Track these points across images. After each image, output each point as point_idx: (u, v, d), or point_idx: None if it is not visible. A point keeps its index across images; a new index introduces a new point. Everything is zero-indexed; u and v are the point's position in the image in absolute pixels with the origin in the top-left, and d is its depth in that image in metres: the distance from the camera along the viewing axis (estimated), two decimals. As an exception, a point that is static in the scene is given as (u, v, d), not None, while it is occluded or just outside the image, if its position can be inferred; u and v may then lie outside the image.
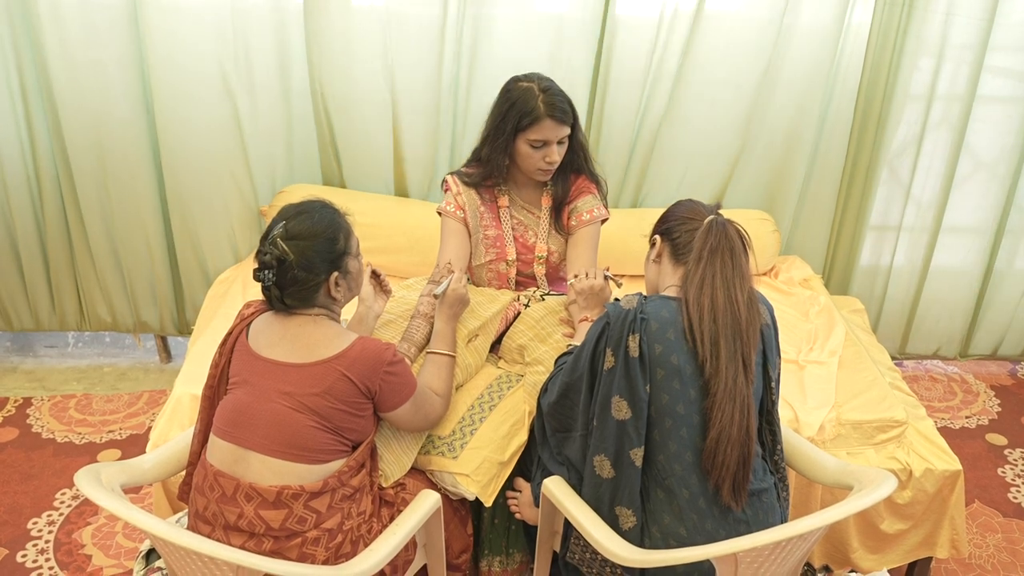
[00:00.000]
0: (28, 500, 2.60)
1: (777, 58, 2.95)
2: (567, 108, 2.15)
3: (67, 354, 3.42)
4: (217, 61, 2.83)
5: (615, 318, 1.72)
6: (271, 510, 1.65)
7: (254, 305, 1.86)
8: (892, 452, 2.33)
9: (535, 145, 2.16)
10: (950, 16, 2.88)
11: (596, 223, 2.31)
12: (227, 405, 1.74)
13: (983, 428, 3.18)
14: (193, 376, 2.38)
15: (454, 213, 2.30)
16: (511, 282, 2.38)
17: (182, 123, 2.89)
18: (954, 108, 3.02)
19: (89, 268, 3.17)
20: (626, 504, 1.71)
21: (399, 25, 2.85)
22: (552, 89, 2.14)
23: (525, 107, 2.12)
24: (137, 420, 3.00)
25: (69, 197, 3.02)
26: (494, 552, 2.14)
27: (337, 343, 1.72)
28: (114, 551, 2.44)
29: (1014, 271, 3.35)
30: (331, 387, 1.69)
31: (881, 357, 2.76)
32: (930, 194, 3.18)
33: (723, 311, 1.69)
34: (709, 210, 1.82)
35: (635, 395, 1.69)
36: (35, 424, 2.96)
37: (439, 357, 2.00)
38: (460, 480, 1.93)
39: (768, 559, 1.59)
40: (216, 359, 1.84)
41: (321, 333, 1.74)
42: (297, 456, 1.67)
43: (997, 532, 2.68)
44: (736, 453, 1.67)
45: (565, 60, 2.91)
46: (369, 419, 1.79)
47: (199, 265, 3.16)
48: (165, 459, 1.89)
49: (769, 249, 3.12)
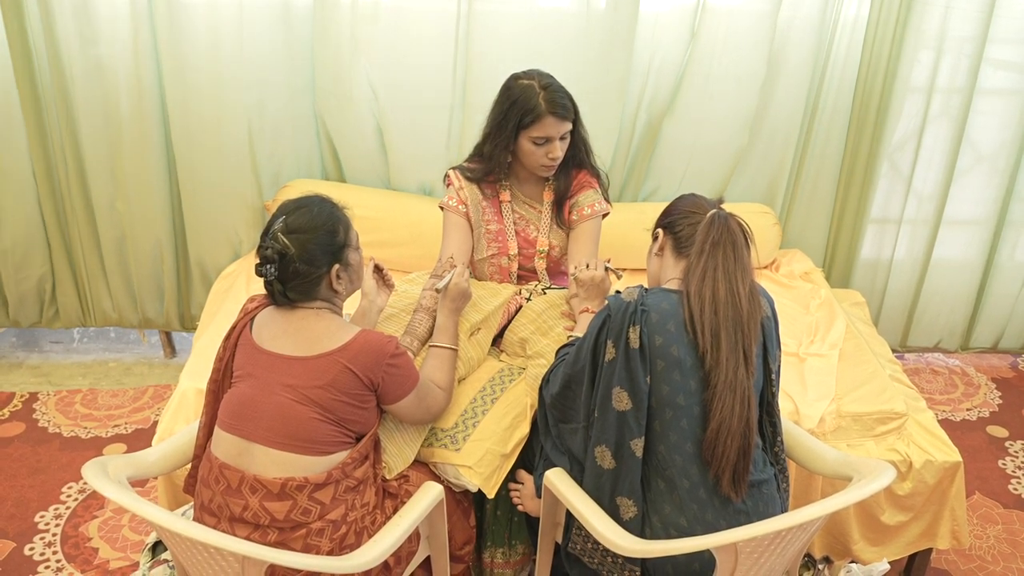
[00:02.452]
0: (35, 494, 2.63)
1: (777, 52, 2.96)
2: (568, 104, 2.16)
3: (72, 349, 3.45)
4: (226, 58, 2.84)
5: (616, 310, 1.74)
6: (276, 502, 1.67)
7: (257, 299, 1.87)
8: (892, 444, 2.34)
9: (538, 142, 2.17)
10: (949, 9, 2.88)
11: (597, 217, 2.32)
12: (231, 398, 1.76)
13: (984, 420, 3.19)
14: (198, 371, 2.40)
15: (456, 207, 2.32)
16: (513, 276, 2.39)
17: (192, 119, 2.91)
18: (954, 101, 3.03)
19: (95, 264, 3.19)
20: (627, 494, 1.73)
21: (401, 23, 2.86)
22: (552, 86, 2.15)
23: (527, 105, 2.13)
24: (142, 415, 3.02)
25: (79, 194, 3.04)
26: (497, 544, 2.16)
27: (340, 336, 1.74)
28: (120, 544, 2.46)
29: (1015, 263, 3.36)
30: (334, 380, 1.71)
31: (882, 349, 2.77)
32: (930, 187, 3.19)
33: (724, 303, 1.70)
34: (711, 204, 1.84)
35: (636, 386, 1.70)
36: (41, 419, 2.98)
37: (441, 350, 2.02)
38: (463, 472, 1.94)
39: (768, 549, 1.60)
40: (220, 353, 1.86)
41: (323, 326, 1.76)
42: (301, 448, 1.69)
43: (998, 523, 2.69)
44: (736, 444, 1.68)
45: (567, 55, 2.92)
46: (372, 411, 1.80)
47: (203, 261, 3.18)
48: (170, 452, 1.91)
49: (770, 243, 3.14)
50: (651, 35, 2.94)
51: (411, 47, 2.89)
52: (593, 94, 2.88)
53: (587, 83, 2.83)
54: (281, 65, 2.94)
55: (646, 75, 3.00)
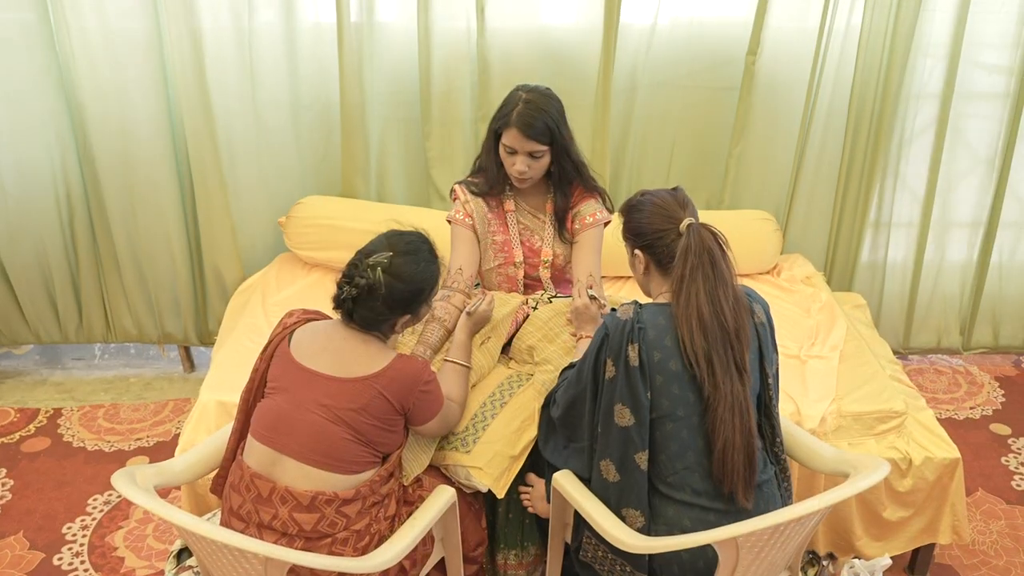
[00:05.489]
0: (62, 506, 2.71)
1: (772, 59, 3.03)
2: (537, 125, 2.17)
3: (94, 365, 3.53)
4: (236, 79, 2.94)
5: (613, 328, 1.78)
6: (305, 513, 1.73)
7: (296, 314, 1.93)
8: (892, 442, 2.39)
9: (508, 150, 2.24)
10: (942, 14, 2.95)
11: (599, 226, 2.39)
12: (265, 410, 1.82)
13: (987, 418, 3.24)
14: (218, 383, 2.48)
15: (463, 220, 2.39)
16: (520, 284, 2.46)
17: (204, 139, 2.99)
18: (949, 105, 3.07)
19: (115, 282, 3.27)
20: (634, 506, 1.77)
21: (411, 39, 2.96)
22: (533, 103, 2.19)
23: (503, 111, 2.22)
24: (163, 428, 3.11)
25: (97, 214, 3.13)
26: (509, 546, 2.21)
27: (377, 361, 1.80)
28: (145, 552, 2.54)
29: (1014, 264, 3.40)
30: (367, 404, 1.77)
31: (882, 351, 2.82)
32: (928, 189, 3.23)
33: (710, 325, 1.73)
34: (677, 210, 1.82)
35: (637, 402, 1.75)
36: (66, 433, 3.07)
37: (458, 367, 2.09)
38: (473, 473, 2.01)
39: (768, 543, 1.66)
40: (257, 364, 1.93)
41: (363, 349, 1.82)
42: (332, 466, 1.76)
43: (1000, 519, 2.73)
44: (742, 456, 1.73)
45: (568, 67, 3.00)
46: (400, 433, 1.87)
47: (220, 276, 3.26)
48: (195, 462, 1.98)
49: (771, 248, 3.19)
50: (647, 45, 3.02)
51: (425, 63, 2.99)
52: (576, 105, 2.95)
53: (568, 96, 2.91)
54: (287, 83, 3.03)
55: (642, 87, 3.08)
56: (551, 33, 3.02)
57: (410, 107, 3.11)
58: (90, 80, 2.90)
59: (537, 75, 2.97)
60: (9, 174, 3.06)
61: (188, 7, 2.80)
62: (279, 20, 2.93)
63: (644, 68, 3.07)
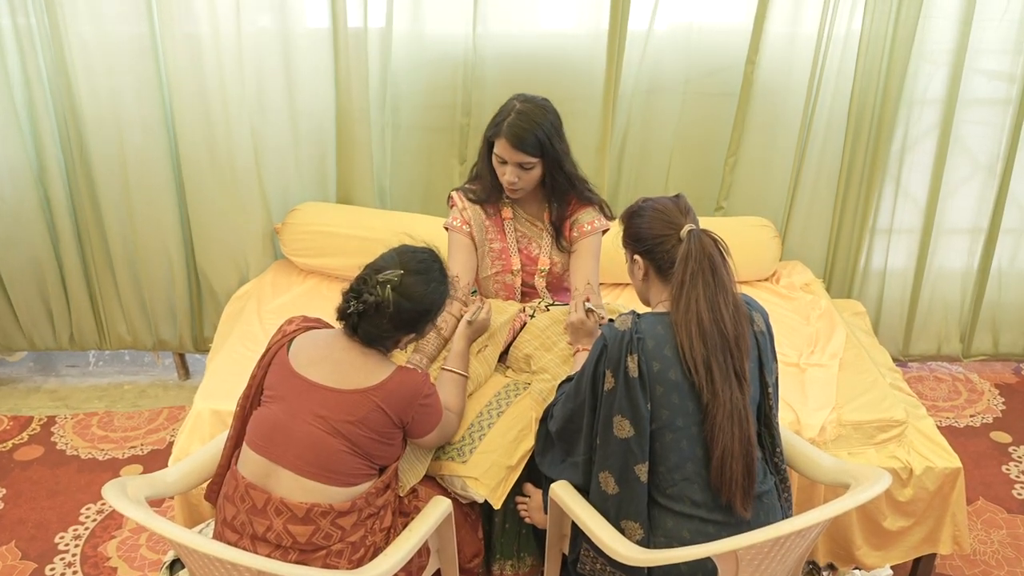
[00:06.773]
0: (54, 515, 2.68)
1: (771, 65, 3.02)
2: (526, 137, 2.16)
3: (88, 373, 3.51)
4: (231, 84, 2.92)
5: (612, 340, 1.76)
6: (299, 525, 1.71)
7: (296, 321, 1.90)
8: (893, 451, 2.37)
9: (498, 159, 2.23)
10: (942, 20, 2.94)
11: (597, 233, 2.37)
12: (261, 419, 1.80)
13: (988, 426, 3.22)
14: (212, 391, 2.45)
15: (460, 228, 2.37)
16: (517, 292, 2.44)
17: (199, 145, 2.98)
18: (949, 111, 3.06)
19: (110, 288, 3.25)
20: (633, 518, 1.76)
21: (406, 46, 2.94)
22: (525, 114, 2.17)
23: (496, 120, 2.21)
24: (158, 436, 3.08)
25: (92, 220, 3.11)
26: (506, 556, 2.20)
27: (376, 373, 1.78)
28: (138, 563, 2.51)
29: (1015, 271, 3.39)
30: (365, 417, 1.75)
31: (882, 358, 2.80)
32: (929, 196, 3.22)
33: (710, 332, 1.72)
34: (678, 217, 1.81)
35: (637, 413, 1.73)
36: (59, 442, 3.04)
37: (456, 376, 2.08)
38: (469, 483, 1.99)
39: (768, 556, 1.65)
40: (255, 371, 1.90)
41: (363, 361, 1.79)
42: (327, 478, 1.73)
43: (1002, 528, 2.72)
44: (741, 466, 1.72)
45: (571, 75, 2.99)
46: (398, 446, 1.85)
47: (214, 284, 3.24)
48: (188, 472, 1.96)
49: (770, 255, 3.17)
50: (644, 52, 3.00)
51: (419, 69, 2.97)
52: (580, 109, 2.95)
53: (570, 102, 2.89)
54: (282, 89, 3.01)
55: (639, 93, 3.06)
56: (551, 39, 3.01)
57: (407, 113, 3.10)
58: (86, 86, 2.88)
59: (536, 81, 2.96)
60: (3, 180, 3.04)
61: (183, 12, 2.78)
62: (274, 26, 2.91)
63: (642, 74, 3.07)
